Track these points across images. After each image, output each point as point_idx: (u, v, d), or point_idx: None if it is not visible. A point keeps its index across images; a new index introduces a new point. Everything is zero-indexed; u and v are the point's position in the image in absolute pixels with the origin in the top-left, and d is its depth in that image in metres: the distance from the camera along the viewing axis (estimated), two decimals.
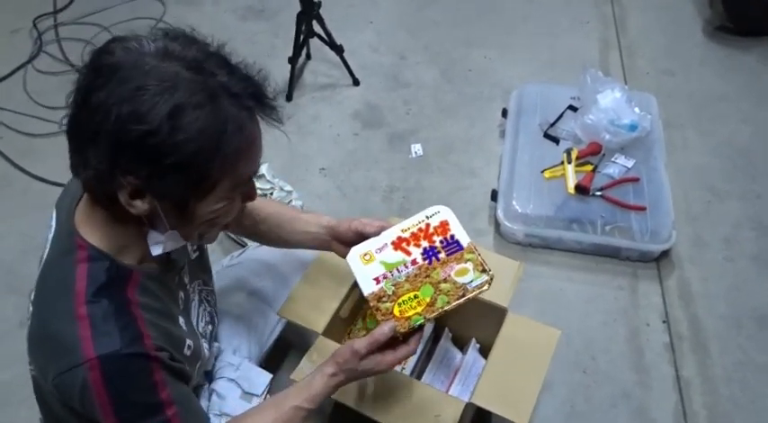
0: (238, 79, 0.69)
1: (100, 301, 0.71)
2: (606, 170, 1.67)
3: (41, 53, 2.20)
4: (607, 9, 2.40)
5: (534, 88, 1.92)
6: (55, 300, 0.73)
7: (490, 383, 1.04)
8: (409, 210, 1.75)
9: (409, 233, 0.94)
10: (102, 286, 0.72)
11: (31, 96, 2.04)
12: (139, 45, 0.67)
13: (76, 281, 0.72)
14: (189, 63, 0.67)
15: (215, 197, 0.72)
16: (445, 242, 0.94)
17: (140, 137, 0.64)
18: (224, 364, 1.09)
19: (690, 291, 1.56)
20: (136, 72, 0.64)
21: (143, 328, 0.74)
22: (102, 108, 0.64)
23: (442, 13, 2.40)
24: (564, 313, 1.51)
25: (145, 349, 0.72)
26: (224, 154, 0.68)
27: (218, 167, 0.69)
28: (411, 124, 1.99)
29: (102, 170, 0.66)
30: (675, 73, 2.14)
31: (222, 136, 0.67)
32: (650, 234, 1.55)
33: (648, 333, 1.48)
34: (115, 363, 0.70)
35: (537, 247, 1.65)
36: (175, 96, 0.64)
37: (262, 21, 2.37)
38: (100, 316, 0.71)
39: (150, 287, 0.79)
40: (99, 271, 0.73)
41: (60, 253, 0.76)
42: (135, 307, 0.75)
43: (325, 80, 2.14)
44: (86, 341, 0.69)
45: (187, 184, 0.69)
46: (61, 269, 0.74)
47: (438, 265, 0.91)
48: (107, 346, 0.69)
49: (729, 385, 1.38)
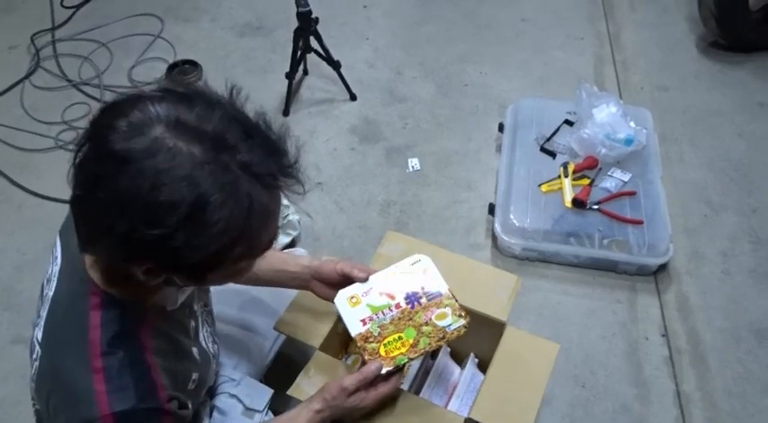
0: (261, 155, 0.63)
1: (115, 353, 0.70)
2: (603, 184, 1.67)
3: (39, 69, 2.20)
4: (601, 25, 2.43)
5: (530, 103, 1.94)
6: (68, 348, 0.71)
7: (489, 398, 1.03)
8: (407, 223, 1.75)
9: (393, 279, 1.02)
10: (116, 335, 0.71)
11: (28, 112, 2.04)
12: (145, 116, 0.60)
13: (90, 329, 0.70)
14: (209, 141, 0.60)
15: (233, 265, 0.69)
16: (426, 288, 1.02)
17: (156, 240, 0.59)
18: (225, 379, 1.08)
19: (688, 304, 1.55)
20: (150, 162, 0.57)
21: (157, 378, 0.73)
22: (114, 204, 0.59)
23: (438, 29, 2.42)
24: (562, 327, 1.51)
25: (159, 403, 0.72)
26: (248, 238, 0.65)
27: (245, 249, 0.66)
28: (408, 139, 2.00)
29: (116, 259, 0.65)
30: (670, 88, 2.16)
31: (246, 224, 0.63)
32: (648, 247, 1.55)
33: (647, 347, 1.47)
34: (129, 418, 0.69)
35: (534, 260, 1.65)
36: (196, 192, 0.58)
37: (259, 37, 2.38)
38: (115, 369, 0.69)
39: (163, 328, 0.78)
40: (113, 319, 0.71)
41: (71, 295, 0.74)
42: (149, 354, 0.73)
43: (322, 95, 2.15)
44: (102, 396, 0.68)
45: (206, 267, 0.66)
46: (73, 315, 0.72)
47: (420, 309, 1.00)
48: (123, 402, 0.68)
49: (729, 399, 1.37)
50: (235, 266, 0.69)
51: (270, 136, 0.66)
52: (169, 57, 2.25)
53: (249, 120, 0.65)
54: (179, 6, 2.48)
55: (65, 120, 2.01)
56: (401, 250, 1.25)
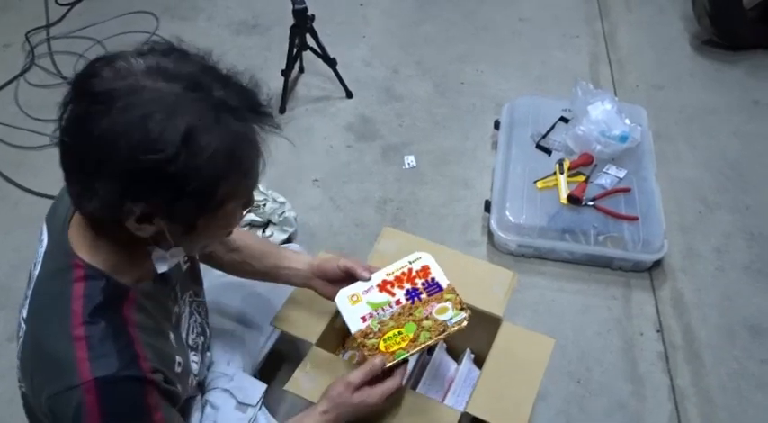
0: (235, 92, 0.68)
1: (97, 323, 0.70)
2: (598, 181, 1.68)
3: (34, 67, 2.20)
4: (597, 25, 2.44)
5: (526, 101, 1.94)
6: (50, 319, 0.72)
7: (485, 393, 1.03)
8: (403, 221, 1.75)
9: (393, 276, 1.03)
10: (98, 306, 0.71)
11: (23, 110, 2.04)
12: (128, 64, 0.64)
13: (73, 300, 0.70)
14: (186, 81, 0.65)
15: (224, 211, 0.72)
16: (426, 284, 1.03)
17: (156, 165, 0.62)
18: (218, 374, 1.08)
19: (683, 300, 1.56)
20: (135, 98, 0.62)
21: (140, 350, 0.72)
22: (107, 138, 0.61)
23: (435, 28, 2.43)
24: (557, 323, 1.51)
25: (141, 372, 0.71)
26: (237, 170, 0.68)
27: (231, 184, 0.69)
28: (404, 136, 2.00)
29: (111, 200, 0.64)
30: (665, 86, 2.17)
31: (236, 153, 0.67)
32: (642, 244, 1.56)
33: (642, 343, 1.48)
34: (111, 385, 0.69)
35: (530, 257, 1.65)
36: (185, 120, 0.62)
37: (255, 35, 2.38)
38: (97, 337, 0.69)
39: (145, 305, 0.78)
40: (95, 290, 0.72)
41: (55, 271, 0.74)
42: (132, 327, 0.73)
43: (319, 93, 2.15)
44: (83, 363, 0.68)
45: (200, 205, 0.68)
46: (57, 288, 0.73)
47: (420, 304, 1.00)
48: (104, 368, 0.68)
49: (724, 394, 1.38)
50: (223, 209, 0.70)
51: (241, 80, 0.71)
52: None
53: (221, 70, 0.70)
54: (176, 5, 2.48)
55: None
56: (398, 247, 1.25)
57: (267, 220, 1.62)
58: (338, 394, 0.90)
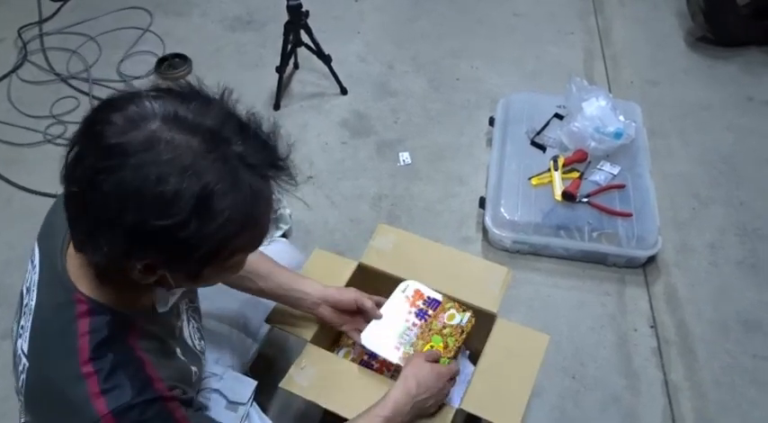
0: (255, 148, 0.65)
1: (105, 355, 0.69)
2: (592, 177, 1.68)
3: (26, 63, 2.18)
4: (591, 21, 2.44)
5: (521, 97, 1.94)
6: (57, 358, 0.70)
7: (480, 389, 1.04)
8: (398, 217, 1.75)
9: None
10: (104, 340, 0.69)
11: (16, 106, 2.02)
12: (143, 110, 0.61)
13: (78, 337, 0.69)
14: (205, 134, 0.61)
15: (231, 261, 0.70)
16: (427, 303, 1.17)
17: (166, 230, 0.59)
18: (207, 374, 1.06)
19: (676, 296, 1.57)
20: (150, 155, 0.58)
21: (151, 372, 0.71)
22: (117, 197, 0.58)
23: (429, 24, 2.42)
24: (552, 319, 1.52)
25: (158, 393, 0.70)
26: (251, 227, 0.66)
27: (241, 241, 0.67)
28: (399, 133, 2.00)
29: (116, 256, 0.63)
30: (659, 83, 2.17)
31: (250, 215, 0.64)
32: (637, 240, 1.56)
33: (636, 338, 1.49)
34: (131, 413, 0.68)
35: (525, 253, 1.65)
36: (201, 183, 0.59)
37: (249, 31, 2.37)
38: (107, 370, 0.68)
39: (151, 330, 0.77)
40: (101, 325, 0.70)
41: (55, 305, 0.72)
42: (140, 352, 0.72)
43: (313, 89, 2.14)
44: (97, 398, 0.67)
45: (208, 261, 0.66)
46: (59, 325, 0.71)
47: (431, 319, 1.14)
48: (118, 399, 0.67)
49: (717, 389, 1.39)
50: (231, 260, 0.69)
51: (262, 131, 0.67)
52: (158, 50, 2.24)
53: (242, 116, 0.67)
54: (169, 0, 2.46)
55: (53, 114, 1.99)
56: (392, 243, 1.25)
57: None
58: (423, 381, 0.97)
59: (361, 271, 1.23)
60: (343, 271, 1.21)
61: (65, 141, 1.84)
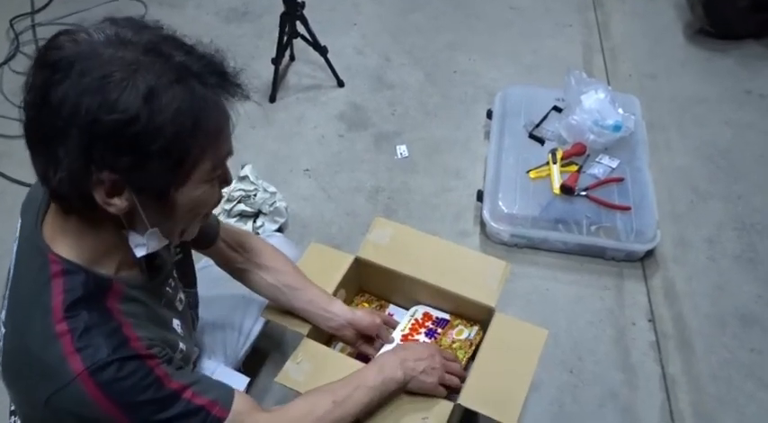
0: (197, 58, 0.66)
1: (79, 314, 0.68)
2: (591, 170, 1.67)
3: (18, 54, 2.16)
4: (590, 14, 2.42)
5: (519, 90, 1.93)
6: (31, 320, 0.69)
7: (478, 384, 1.03)
8: (395, 211, 1.74)
9: (408, 329, 1.19)
10: (78, 299, 0.68)
11: (8, 97, 2.00)
12: (88, 35, 0.63)
13: (52, 298, 0.68)
14: (145, 47, 0.63)
15: (195, 181, 0.69)
16: (436, 322, 1.21)
17: (118, 126, 0.60)
18: (199, 369, 1.06)
19: (675, 290, 1.57)
20: (95, 61, 0.61)
21: (129, 333, 0.70)
22: (68, 103, 0.60)
23: (426, 17, 2.40)
24: (550, 313, 1.51)
25: (135, 351, 0.69)
26: (204, 132, 0.66)
27: (199, 147, 0.67)
28: (396, 125, 1.98)
29: (76, 169, 0.62)
30: (657, 76, 2.16)
31: (201, 113, 0.65)
32: (635, 234, 1.56)
33: (634, 332, 1.48)
34: (107, 370, 0.66)
35: (523, 247, 1.65)
36: (146, 79, 0.61)
37: (245, 23, 2.35)
38: (81, 329, 0.67)
39: (136, 296, 0.76)
40: (75, 285, 0.69)
41: (31, 269, 0.71)
42: (118, 314, 0.71)
43: (310, 81, 2.12)
44: (72, 356, 0.66)
45: (168, 169, 0.66)
46: (34, 287, 0.70)
47: (441, 337, 1.17)
48: (94, 356, 0.66)
49: (715, 383, 1.39)
50: (194, 179, 0.68)
51: (205, 47, 0.68)
52: None
53: (183, 39, 0.68)
54: None
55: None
56: (389, 237, 1.24)
57: (258, 211, 1.60)
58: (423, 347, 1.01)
59: (358, 265, 1.22)
60: (339, 265, 1.19)
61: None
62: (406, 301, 1.29)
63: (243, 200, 1.57)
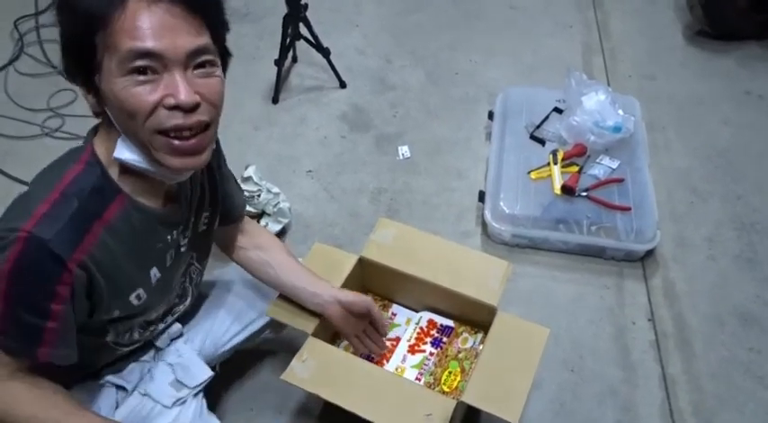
0: None
1: (71, 199, 0.75)
2: (591, 171, 1.69)
3: (23, 55, 2.17)
4: (590, 14, 2.44)
5: (520, 91, 1.94)
6: (41, 180, 0.78)
7: (481, 382, 1.04)
8: (398, 211, 1.75)
9: (414, 339, 1.23)
10: (82, 189, 0.76)
11: (12, 98, 2.01)
12: None
13: (69, 171, 0.77)
14: None
15: (107, 72, 0.71)
16: (440, 330, 1.24)
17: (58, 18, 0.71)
18: (172, 349, 1.07)
19: (674, 289, 1.58)
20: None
21: (87, 244, 0.75)
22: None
23: (427, 18, 2.41)
24: (551, 312, 1.52)
25: (67, 259, 0.73)
26: (83, 15, 0.70)
27: (86, 30, 0.70)
28: (398, 126, 2.00)
29: (68, 53, 0.73)
30: (657, 76, 2.18)
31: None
32: (635, 234, 1.57)
33: (634, 331, 1.50)
34: (36, 250, 0.72)
35: (524, 247, 1.66)
36: None
37: (247, 23, 2.36)
38: (61, 208, 0.74)
39: (134, 220, 0.81)
40: (90, 175, 0.77)
41: (70, 152, 0.81)
42: (99, 224, 0.77)
43: (312, 83, 2.13)
44: (35, 218, 0.72)
45: (76, 55, 0.72)
46: (60, 162, 0.80)
47: (446, 345, 1.22)
48: (43, 230, 0.72)
49: (714, 382, 1.40)
50: (116, 79, 0.71)
51: None
52: None
53: None
54: None
55: (50, 106, 1.98)
56: (393, 237, 1.25)
57: (261, 211, 1.61)
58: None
59: (362, 264, 1.24)
60: (343, 264, 1.21)
61: (62, 134, 1.85)
62: (410, 301, 1.30)
63: (247, 200, 1.58)
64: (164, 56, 0.70)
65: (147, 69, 0.71)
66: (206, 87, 0.75)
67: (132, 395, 1.00)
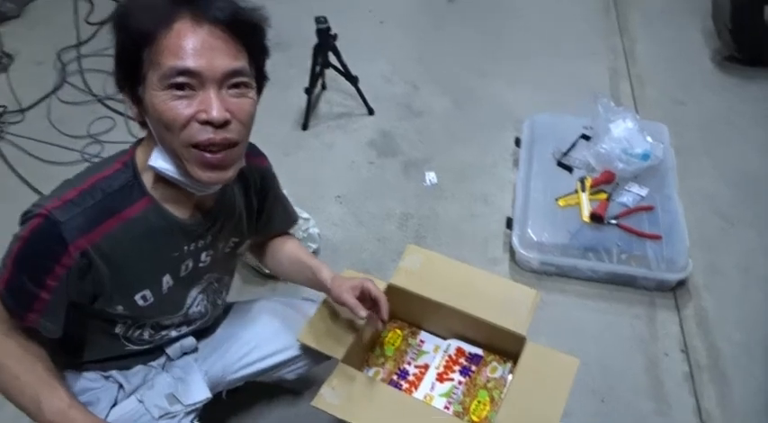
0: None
1: (96, 192, 0.82)
2: (620, 198, 1.68)
3: (65, 84, 2.26)
4: (616, 40, 2.45)
5: (546, 117, 1.95)
6: (89, 169, 0.87)
7: (511, 412, 1.04)
8: (424, 237, 1.76)
9: (442, 367, 1.22)
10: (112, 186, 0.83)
11: (55, 125, 2.09)
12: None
13: (107, 169, 0.84)
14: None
15: (149, 86, 0.77)
16: (469, 359, 1.23)
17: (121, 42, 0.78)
18: (180, 363, 1.09)
19: (707, 319, 1.55)
20: None
21: (95, 234, 0.81)
22: None
23: (453, 44, 2.45)
24: (580, 341, 1.51)
25: (70, 244, 0.79)
26: (134, 32, 0.75)
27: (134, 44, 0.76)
28: (425, 152, 2.02)
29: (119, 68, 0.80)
30: (686, 102, 2.17)
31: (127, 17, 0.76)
32: (666, 263, 1.55)
33: (667, 362, 1.47)
34: (48, 228, 0.79)
35: (552, 274, 1.65)
36: None
37: (278, 52, 2.40)
38: (85, 197, 0.81)
39: (153, 223, 0.86)
40: (123, 174, 0.84)
41: (116, 154, 0.88)
42: (116, 219, 0.82)
43: (341, 109, 2.18)
44: (61, 201, 0.80)
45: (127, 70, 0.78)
46: (108, 159, 0.87)
47: (475, 374, 1.20)
48: (60, 214, 0.79)
49: (751, 415, 1.37)
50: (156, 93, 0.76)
51: None
52: None
53: None
54: None
55: (90, 133, 2.05)
56: (421, 263, 1.26)
57: None
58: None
59: (390, 291, 1.24)
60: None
61: None
62: (438, 328, 1.30)
63: None
64: (201, 74, 0.75)
65: (185, 85, 0.76)
66: (237, 106, 0.79)
67: (129, 399, 1.02)
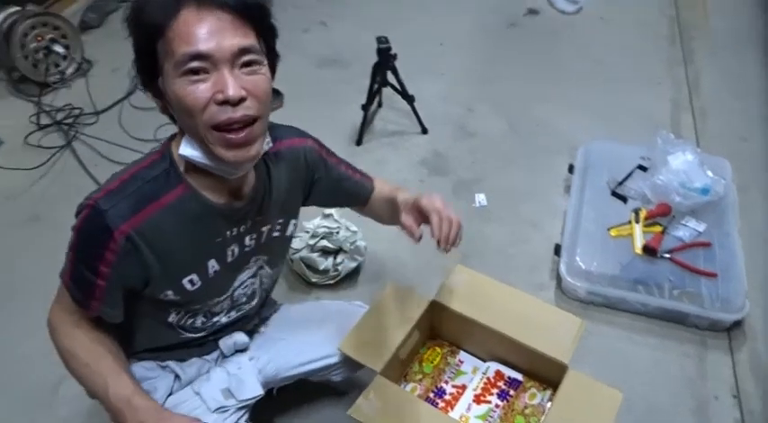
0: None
1: (136, 181, 0.86)
2: (676, 232, 1.63)
3: (137, 90, 2.39)
4: (680, 70, 2.39)
5: (602, 145, 1.93)
6: (132, 163, 0.91)
7: None
8: (470, 258, 1.76)
9: (480, 389, 1.22)
10: (150, 175, 0.87)
11: (126, 129, 2.22)
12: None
13: (145, 161, 0.90)
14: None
15: (168, 74, 0.80)
16: (508, 383, 1.22)
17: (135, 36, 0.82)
18: (235, 360, 1.13)
19: (763, 365, 1.48)
20: None
21: (136, 220, 0.85)
22: None
23: (512, 68, 2.46)
24: (625, 376, 1.46)
25: (115, 230, 0.84)
26: (146, 24, 0.79)
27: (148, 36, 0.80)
28: (476, 174, 2.03)
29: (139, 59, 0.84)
30: (749, 138, 2.09)
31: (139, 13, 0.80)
32: (721, 302, 1.49)
33: (717, 406, 1.41)
34: (95, 217, 0.84)
35: (599, 305, 1.62)
36: None
37: (336, 69, 2.50)
38: (126, 186, 0.86)
39: (191, 209, 0.89)
40: (160, 163, 0.89)
41: (155, 147, 0.93)
42: (155, 206, 0.86)
43: (395, 127, 2.21)
44: (105, 191, 0.85)
45: (145, 65, 0.82)
46: (149, 153, 0.92)
47: (513, 399, 1.19)
48: (104, 203, 0.84)
49: None
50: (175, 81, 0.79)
51: None
52: None
53: None
54: None
55: (157, 138, 2.17)
56: (466, 284, 1.27)
57: (339, 248, 1.67)
58: None
59: (433, 308, 1.25)
60: (415, 306, 1.23)
61: None
62: (478, 350, 1.30)
63: (326, 236, 1.65)
64: (212, 55, 0.78)
65: (199, 70, 0.79)
66: (251, 83, 0.82)
67: (185, 389, 1.07)
